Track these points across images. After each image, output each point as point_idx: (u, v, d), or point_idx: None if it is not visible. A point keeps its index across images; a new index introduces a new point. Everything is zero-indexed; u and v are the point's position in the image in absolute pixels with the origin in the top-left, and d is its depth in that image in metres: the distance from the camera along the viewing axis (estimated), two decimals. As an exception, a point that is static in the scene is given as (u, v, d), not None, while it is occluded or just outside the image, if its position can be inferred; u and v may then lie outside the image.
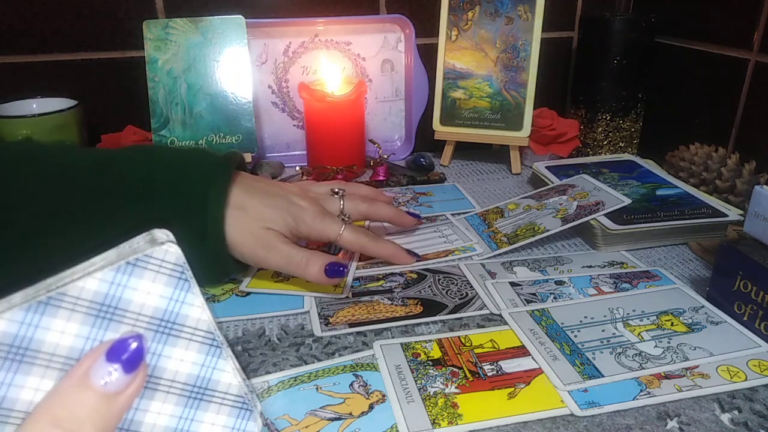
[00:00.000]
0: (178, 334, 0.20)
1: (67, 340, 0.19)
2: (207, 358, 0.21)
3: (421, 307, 0.50)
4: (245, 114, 0.73)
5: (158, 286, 0.20)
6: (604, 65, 0.83)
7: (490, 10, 0.79)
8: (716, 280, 0.49)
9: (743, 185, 0.66)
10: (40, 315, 0.18)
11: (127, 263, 0.19)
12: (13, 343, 0.18)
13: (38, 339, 0.18)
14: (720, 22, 0.76)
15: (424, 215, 0.68)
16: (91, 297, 0.19)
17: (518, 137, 0.80)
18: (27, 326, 0.18)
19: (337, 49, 0.85)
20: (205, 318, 0.21)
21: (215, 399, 0.21)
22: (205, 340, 0.21)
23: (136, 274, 0.20)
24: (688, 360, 0.43)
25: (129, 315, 0.20)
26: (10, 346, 0.18)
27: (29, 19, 0.76)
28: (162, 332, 0.20)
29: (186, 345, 0.21)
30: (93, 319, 0.19)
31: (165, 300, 0.20)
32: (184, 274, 0.21)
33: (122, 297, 0.19)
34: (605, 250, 0.60)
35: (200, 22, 0.72)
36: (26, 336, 0.18)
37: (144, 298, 0.20)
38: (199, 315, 0.21)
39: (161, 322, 0.20)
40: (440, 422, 0.37)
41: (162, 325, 0.20)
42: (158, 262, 0.20)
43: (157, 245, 0.20)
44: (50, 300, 0.18)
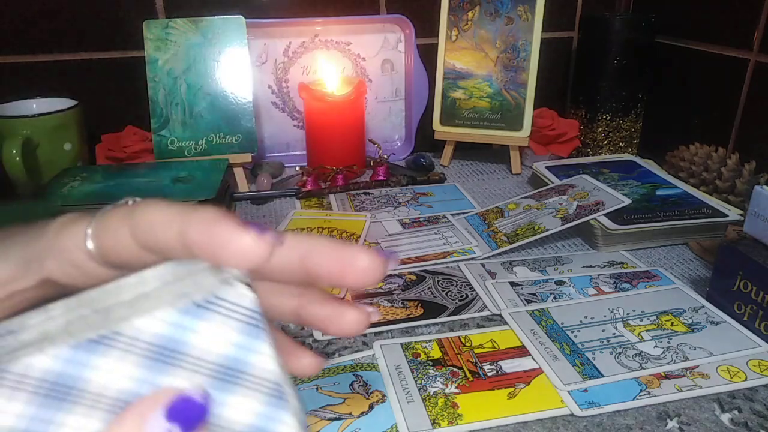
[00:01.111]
0: (241, 383, 0.18)
1: (117, 382, 0.17)
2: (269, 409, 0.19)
3: (421, 309, 0.50)
4: (245, 114, 0.73)
5: (227, 331, 0.18)
6: (604, 65, 0.83)
7: (490, 10, 0.79)
8: (716, 280, 0.49)
9: (743, 185, 0.66)
10: (89, 354, 0.16)
11: (196, 305, 0.17)
12: (57, 381, 0.16)
13: (85, 378, 0.16)
14: (720, 22, 0.76)
15: (424, 215, 0.68)
16: (149, 339, 0.17)
17: (518, 137, 0.80)
18: (74, 365, 0.16)
19: (337, 49, 0.85)
20: (272, 368, 0.19)
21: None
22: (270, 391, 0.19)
23: (204, 318, 0.17)
24: (688, 360, 0.43)
25: (189, 360, 0.17)
26: (53, 384, 0.16)
27: (29, 19, 0.76)
28: (223, 380, 0.18)
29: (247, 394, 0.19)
30: (149, 362, 0.17)
31: (232, 347, 0.18)
32: (258, 321, 0.18)
33: (184, 341, 0.17)
34: (605, 250, 0.60)
35: (200, 22, 0.72)
36: (72, 374, 0.16)
37: (209, 344, 0.18)
38: (267, 365, 0.19)
39: (224, 369, 0.18)
40: (440, 422, 0.37)
41: (224, 372, 0.18)
42: (230, 306, 0.18)
43: (230, 286, 0.18)
44: (102, 339, 0.16)
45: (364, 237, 0.62)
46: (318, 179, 0.77)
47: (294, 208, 0.72)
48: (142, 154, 0.76)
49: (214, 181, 0.63)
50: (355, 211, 0.70)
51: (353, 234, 0.63)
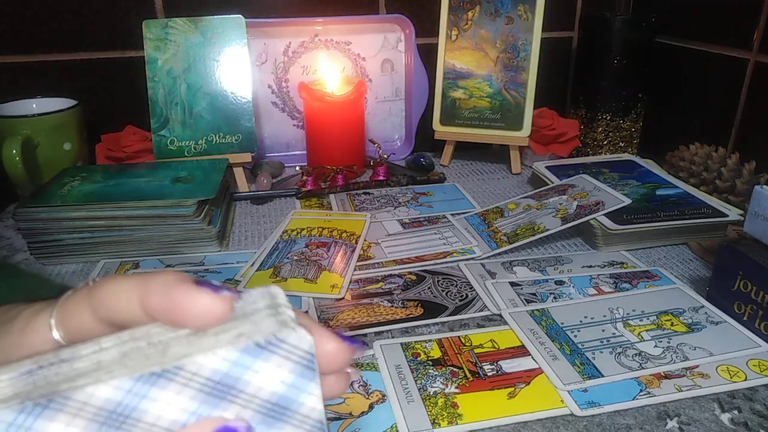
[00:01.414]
0: (288, 420, 0.19)
1: (172, 413, 0.18)
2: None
3: (421, 309, 0.50)
4: (245, 114, 0.73)
5: (282, 372, 0.19)
6: (604, 65, 0.83)
7: (490, 10, 0.79)
8: (716, 280, 0.49)
9: (743, 185, 0.66)
10: (149, 386, 0.17)
11: (257, 345, 0.18)
12: (115, 410, 0.17)
13: (142, 408, 0.17)
14: (720, 22, 0.76)
15: (424, 215, 0.68)
16: (208, 375, 0.18)
17: (518, 137, 0.80)
18: (133, 395, 0.17)
19: (337, 49, 0.85)
20: (320, 408, 0.20)
21: None
22: (313, 428, 0.20)
23: (263, 357, 0.18)
24: (688, 360, 0.43)
25: (243, 396, 0.18)
26: (111, 412, 0.17)
27: (29, 19, 0.76)
28: (272, 416, 0.19)
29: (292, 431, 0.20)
30: (204, 396, 0.18)
31: (285, 386, 0.19)
32: (312, 363, 0.19)
33: (241, 378, 0.18)
34: (605, 250, 0.60)
35: (200, 21, 0.71)
36: (130, 404, 0.17)
37: (263, 382, 0.18)
38: (315, 404, 0.19)
39: (274, 406, 0.19)
40: (440, 422, 0.37)
41: (274, 409, 0.19)
42: (289, 348, 0.18)
43: (290, 329, 0.19)
44: (164, 372, 0.17)
45: (364, 237, 0.62)
46: (318, 179, 0.77)
47: (294, 208, 0.72)
48: (141, 153, 0.76)
49: (214, 180, 0.63)
50: (355, 211, 0.70)
51: (353, 234, 0.63)
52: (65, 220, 0.57)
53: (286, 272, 0.55)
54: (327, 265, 0.56)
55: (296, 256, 0.58)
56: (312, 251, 0.59)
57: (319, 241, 0.61)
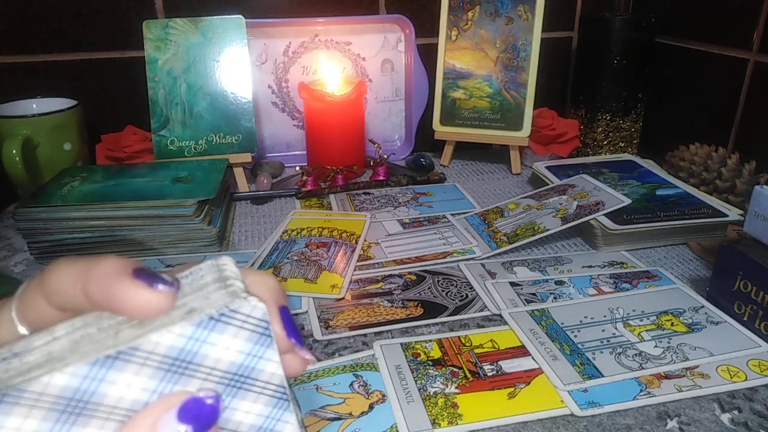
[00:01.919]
0: (249, 387, 0.20)
1: (132, 394, 0.18)
2: (273, 411, 0.20)
3: (421, 309, 0.50)
4: (245, 114, 0.73)
5: (238, 341, 0.19)
6: (604, 65, 0.83)
7: (490, 10, 0.79)
8: (716, 280, 0.49)
9: (743, 185, 0.66)
10: (106, 369, 0.17)
11: (210, 318, 0.18)
12: (73, 397, 0.17)
13: (101, 392, 0.17)
14: (720, 22, 0.76)
15: (424, 215, 0.68)
16: (164, 351, 0.18)
17: (518, 137, 0.80)
18: (90, 380, 0.17)
19: (337, 49, 0.85)
20: (280, 373, 0.20)
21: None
22: (275, 393, 0.20)
23: (218, 330, 0.18)
24: (688, 360, 0.43)
25: (202, 370, 0.18)
26: (69, 400, 0.17)
27: (29, 19, 0.76)
28: (233, 386, 0.19)
29: (255, 398, 0.20)
30: (163, 374, 0.18)
31: (242, 355, 0.19)
32: (268, 329, 0.19)
33: (199, 352, 0.18)
34: (605, 250, 0.60)
35: (200, 22, 0.71)
36: (88, 390, 0.17)
37: (221, 354, 0.19)
38: (274, 370, 0.20)
39: (234, 375, 0.19)
40: (440, 422, 0.37)
41: (234, 378, 0.19)
42: (243, 318, 0.19)
43: (242, 299, 0.19)
44: (119, 354, 0.17)
45: (364, 237, 0.62)
46: (318, 179, 0.77)
47: (294, 208, 0.72)
48: (142, 154, 0.76)
49: (214, 181, 0.63)
50: (355, 211, 0.70)
51: (353, 234, 0.63)
52: (65, 220, 0.57)
53: (286, 272, 0.55)
54: (327, 265, 0.56)
55: (296, 256, 0.58)
56: (312, 251, 0.59)
57: (319, 241, 0.61)
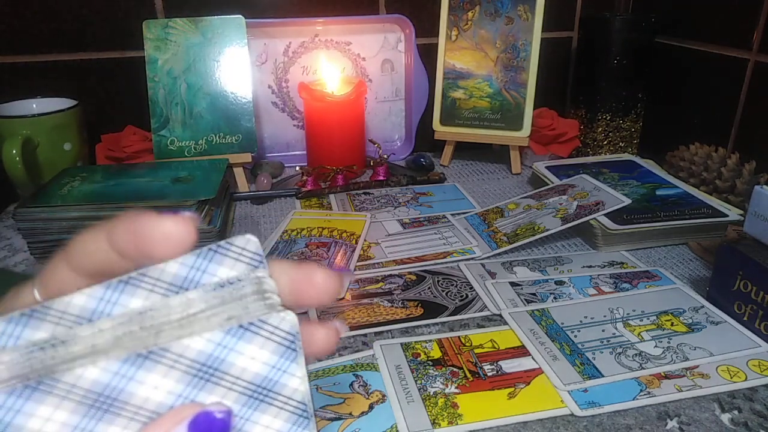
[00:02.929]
0: (271, 402, 0.20)
1: (158, 396, 0.18)
2: (293, 428, 0.20)
3: (421, 309, 0.50)
4: (245, 114, 0.73)
5: (265, 353, 0.19)
6: (604, 65, 0.83)
7: (490, 10, 0.79)
8: (716, 280, 0.49)
9: (743, 185, 0.66)
10: (136, 368, 0.17)
11: (240, 327, 0.18)
12: (103, 392, 0.17)
13: (129, 391, 0.17)
14: (720, 22, 0.76)
15: (424, 215, 0.68)
16: (193, 356, 0.18)
17: (518, 137, 0.80)
18: (120, 377, 0.17)
19: (337, 49, 0.85)
20: (303, 389, 0.20)
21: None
22: (296, 410, 0.20)
23: (246, 339, 0.19)
24: (688, 360, 0.43)
25: (227, 378, 0.19)
26: (98, 395, 0.17)
27: (29, 19, 0.76)
28: (255, 398, 0.19)
29: (276, 413, 0.20)
30: (190, 378, 0.18)
31: (267, 367, 0.19)
32: (294, 344, 0.19)
33: (226, 359, 0.18)
34: (605, 250, 0.60)
35: (200, 21, 0.71)
36: (117, 387, 0.17)
37: (247, 363, 0.19)
38: (297, 386, 0.20)
39: (257, 387, 0.19)
40: (440, 422, 0.37)
41: (257, 391, 0.19)
42: (271, 329, 0.19)
43: (275, 311, 0.19)
44: (150, 355, 0.17)
45: (364, 237, 0.62)
46: (318, 179, 0.77)
47: (294, 208, 0.72)
48: (142, 154, 0.76)
49: (214, 181, 0.63)
50: (355, 211, 0.70)
51: (353, 234, 0.63)
52: (65, 220, 0.57)
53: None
54: (327, 265, 0.56)
55: (296, 256, 0.58)
56: (312, 251, 0.59)
57: (319, 241, 0.61)
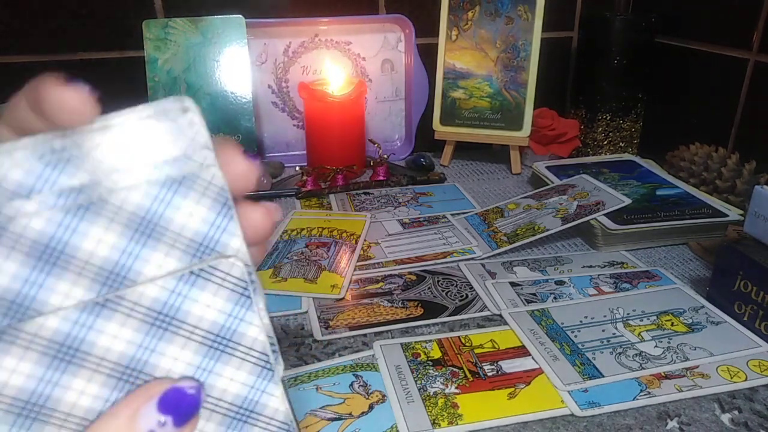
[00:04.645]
0: (232, 352, 0.20)
1: (119, 346, 0.18)
2: (258, 381, 0.20)
3: (421, 309, 0.50)
4: (245, 114, 0.73)
5: (219, 300, 0.19)
6: (604, 65, 0.83)
7: (490, 10, 0.79)
8: (716, 280, 0.49)
9: (743, 185, 0.66)
10: (94, 317, 0.17)
11: (191, 273, 0.19)
12: (64, 342, 0.17)
13: (90, 341, 0.18)
14: (720, 22, 0.76)
15: (424, 215, 0.68)
16: (149, 304, 0.18)
17: (518, 137, 0.80)
18: (80, 327, 0.17)
19: (337, 49, 0.85)
20: (262, 339, 0.20)
21: (259, 423, 0.21)
22: (258, 361, 0.20)
23: (199, 285, 0.19)
24: (689, 360, 0.43)
25: (185, 327, 0.19)
26: (60, 345, 0.17)
27: (29, 19, 0.76)
28: (216, 348, 0.20)
29: (238, 365, 0.20)
30: (148, 327, 0.18)
31: (224, 315, 0.19)
32: (247, 290, 0.20)
33: (181, 307, 0.19)
34: (605, 250, 0.60)
35: (200, 21, 0.71)
36: (78, 336, 0.17)
37: (203, 311, 0.19)
38: (256, 335, 0.20)
39: (216, 337, 0.19)
40: (440, 422, 0.37)
41: (217, 340, 0.19)
42: (222, 275, 0.19)
43: (223, 258, 0.19)
44: (107, 302, 0.18)
45: (364, 237, 0.62)
46: (318, 179, 0.77)
47: (294, 208, 0.72)
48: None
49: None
50: (355, 211, 0.70)
51: (353, 234, 0.63)
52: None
53: (286, 272, 0.55)
54: (327, 265, 0.56)
55: (296, 256, 0.58)
56: (312, 251, 0.59)
57: (319, 241, 0.61)
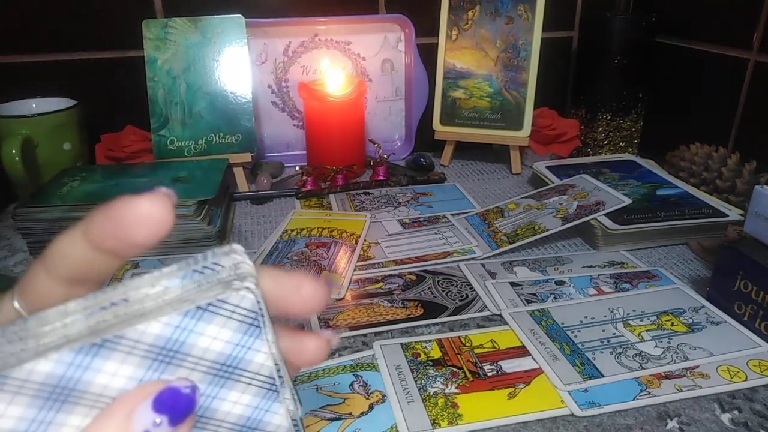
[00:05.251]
0: (238, 378, 0.19)
1: (118, 383, 0.17)
2: (262, 401, 0.20)
3: (421, 309, 0.50)
4: (245, 114, 0.73)
5: (226, 332, 0.19)
6: (604, 65, 0.83)
7: (490, 10, 0.79)
8: (716, 280, 0.49)
9: (743, 185, 0.66)
10: (91, 357, 0.17)
11: (198, 308, 0.18)
12: (58, 384, 0.17)
13: (86, 380, 0.17)
14: (720, 22, 0.76)
15: (424, 215, 0.68)
16: (151, 341, 0.18)
17: (518, 137, 0.80)
18: (75, 368, 0.17)
19: (337, 49, 0.84)
20: (269, 364, 0.20)
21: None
22: (264, 384, 0.20)
23: (205, 319, 0.18)
24: (689, 360, 0.43)
25: (189, 359, 0.18)
26: (54, 387, 0.17)
27: (29, 19, 0.75)
28: (221, 376, 0.19)
29: (243, 389, 0.20)
30: (150, 363, 0.18)
31: (231, 346, 0.19)
32: (257, 320, 0.19)
33: (185, 342, 0.18)
34: (605, 250, 0.60)
35: (200, 21, 0.71)
36: (73, 377, 0.17)
37: (209, 344, 0.18)
38: (263, 361, 0.20)
39: (222, 366, 0.19)
40: (440, 422, 0.37)
41: (223, 369, 0.19)
42: (231, 308, 0.19)
43: (233, 290, 0.19)
44: (105, 343, 0.17)
45: (364, 237, 0.62)
46: (318, 179, 0.77)
47: (294, 208, 0.72)
48: (141, 153, 0.76)
49: (214, 180, 0.63)
50: (355, 211, 0.70)
51: (353, 234, 0.63)
52: (65, 220, 0.57)
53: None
54: (327, 265, 0.56)
55: (296, 257, 0.58)
56: (312, 251, 0.59)
57: (319, 241, 0.61)
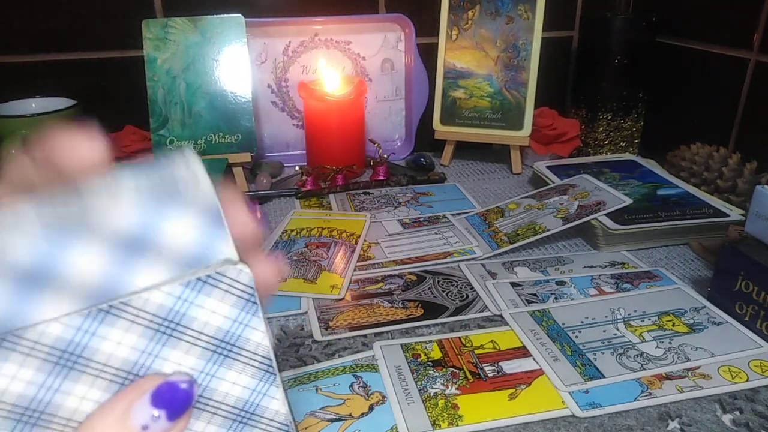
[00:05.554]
0: (236, 357, 0.20)
1: (122, 352, 0.18)
2: (259, 384, 0.21)
3: (421, 310, 0.50)
4: (245, 113, 0.73)
5: (225, 306, 0.19)
6: (605, 65, 0.83)
7: (490, 10, 0.79)
8: (718, 280, 0.49)
9: (744, 185, 0.66)
10: (98, 323, 0.17)
11: (198, 279, 0.19)
12: (66, 349, 0.17)
13: (92, 347, 0.17)
14: (720, 22, 0.76)
15: (424, 215, 0.68)
16: (154, 310, 0.18)
17: (519, 137, 0.80)
18: (83, 333, 0.17)
19: (336, 49, 0.84)
20: (266, 344, 0.20)
21: (260, 425, 0.21)
22: (261, 365, 0.20)
23: (205, 292, 0.19)
24: (690, 361, 0.43)
25: (190, 332, 0.19)
26: (62, 351, 0.17)
27: (29, 19, 0.75)
28: (220, 353, 0.20)
29: (241, 369, 0.20)
30: (152, 333, 0.18)
31: (229, 321, 0.19)
32: (253, 296, 0.20)
33: (186, 313, 0.19)
34: (606, 250, 0.60)
35: (199, 21, 0.71)
36: (80, 343, 0.17)
37: (208, 317, 0.19)
38: (260, 340, 0.20)
39: (221, 342, 0.20)
40: (441, 423, 0.37)
41: (221, 346, 0.20)
42: (229, 282, 0.19)
43: (231, 264, 0.19)
44: (111, 309, 0.17)
45: (364, 237, 0.62)
46: (318, 179, 0.77)
47: (293, 207, 0.71)
48: (141, 153, 0.76)
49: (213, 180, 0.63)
50: (355, 211, 0.70)
51: (353, 234, 0.63)
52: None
53: (286, 272, 0.55)
54: (327, 265, 0.56)
55: (296, 256, 0.58)
56: (312, 251, 0.59)
57: (319, 241, 0.61)
